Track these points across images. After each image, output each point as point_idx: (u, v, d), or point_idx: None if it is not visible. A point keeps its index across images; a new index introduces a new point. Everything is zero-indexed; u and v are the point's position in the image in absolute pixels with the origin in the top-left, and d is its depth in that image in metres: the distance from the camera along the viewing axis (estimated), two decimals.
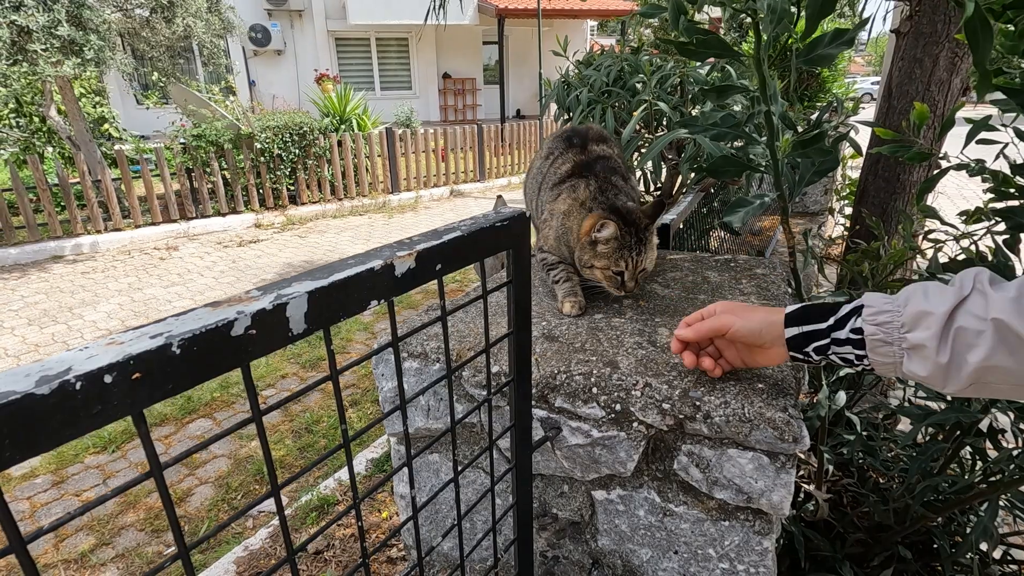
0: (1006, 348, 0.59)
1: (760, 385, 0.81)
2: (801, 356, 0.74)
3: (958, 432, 1.32)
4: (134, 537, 2.41)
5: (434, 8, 2.37)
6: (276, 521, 2.42)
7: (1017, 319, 0.58)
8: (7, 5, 4.85)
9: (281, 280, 0.44)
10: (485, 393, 0.91)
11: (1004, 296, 0.59)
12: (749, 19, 1.03)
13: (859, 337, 0.68)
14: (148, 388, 0.34)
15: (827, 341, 0.71)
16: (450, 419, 0.65)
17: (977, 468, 1.36)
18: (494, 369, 0.93)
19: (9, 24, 4.85)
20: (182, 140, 6.71)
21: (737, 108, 1.87)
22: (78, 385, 0.31)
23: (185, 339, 0.35)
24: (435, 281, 0.57)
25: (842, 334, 0.69)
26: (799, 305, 0.75)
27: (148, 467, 0.37)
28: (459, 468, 0.70)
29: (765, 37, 1.00)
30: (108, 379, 0.32)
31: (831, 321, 0.71)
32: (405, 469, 1.14)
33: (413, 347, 0.99)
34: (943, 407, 1.27)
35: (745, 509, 0.82)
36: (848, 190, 3.94)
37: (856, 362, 0.70)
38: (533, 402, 0.90)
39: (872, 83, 24.53)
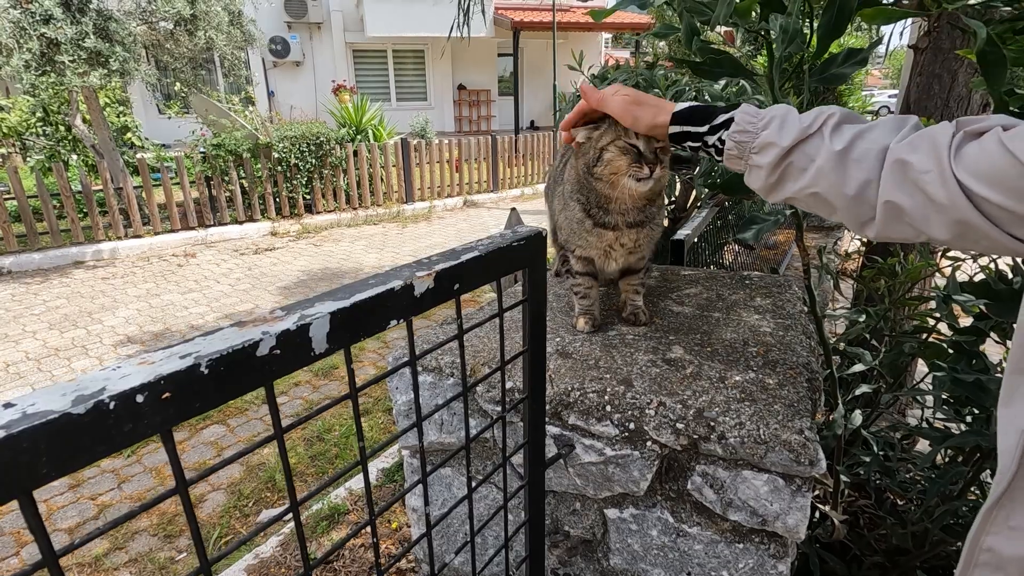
0: (816, 184, 0.71)
1: (776, 406, 0.80)
2: (678, 147, 0.88)
3: (977, 455, 1.29)
4: (147, 542, 2.43)
5: (458, 24, 2.40)
6: (287, 529, 2.43)
7: (834, 169, 0.69)
8: (37, 18, 5.00)
9: (304, 300, 0.45)
10: (499, 409, 0.91)
11: (831, 149, 0.70)
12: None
13: (721, 147, 0.81)
14: (177, 407, 0.35)
15: (699, 144, 0.84)
16: (465, 436, 0.65)
17: None
18: (508, 385, 0.93)
19: (39, 36, 5.00)
20: (202, 149, 6.84)
21: None
22: (112, 404, 0.32)
23: (213, 359, 0.36)
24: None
25: (711, 139, 0.82)
26: (688, 105, 0.86)
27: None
28: (473, 485, 0.70)
29: (777, 56, 1.00)
30: (140, 398, 0.33)
31: (706, 128, 0.83)
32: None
33: (427, 361, 0.99)
34: (963, 429, 1.25)
35: (760, 532, 0.81)
36: None
37: (714, 160, 0.85)
38: (547, 419, 0.90)
39: (889, 96, 24.27)
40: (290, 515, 0.48)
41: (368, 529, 2.41)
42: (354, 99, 9.62)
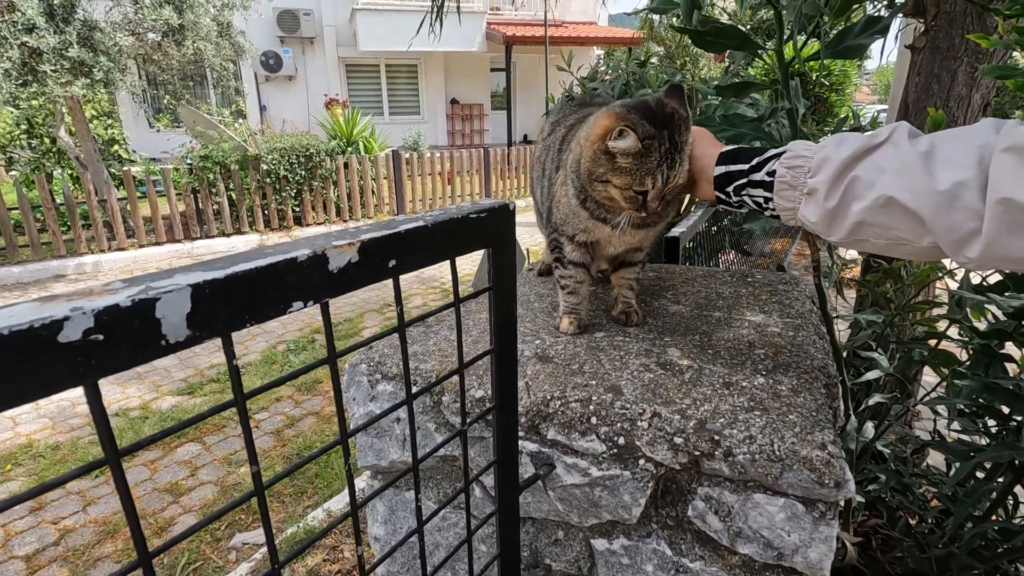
0: (892, 188, 0.58)
1: (792, 416, 0.68)
2: (723, 195, 0.76)
3: (1006, 471, 1.17)
4: (110, 569, 2.26)
5: (431, 20, 2.30)
6: (258, 555, 2.27)
7: (917, 170, 0.56)
8: (19, 27, 4.91)
9: (161, 271, 0.33)
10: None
11: (912, 151, 0.58)
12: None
13: (771, 180, 0.70)
14: None
15: (744, 181, 0.73)
16: (412, 455, 0.53)
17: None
18: (479, 394, 0.81)
19: (20, 45, 4.90)
20: (189, 161, 6.73)
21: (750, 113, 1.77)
22: None
23: None
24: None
25: (759, 176, 0.71)
26: (737, 146, 0.76)
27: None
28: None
29: (788, 30, 0.90)
30: None
31: (754, 163, 0.72)
32: (381, 508, 1.01)
33: (387, 368, 0.87)
34: (988, 444, 1.13)
35: (775, 568, 0.68)
36: None
37: (764, 204, 0.72)
38: (522, 433, 0.77)
39: (878, 111, 24.52)
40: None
41: (344, 554, 2.24)
42: (346, 113, 9.56)
